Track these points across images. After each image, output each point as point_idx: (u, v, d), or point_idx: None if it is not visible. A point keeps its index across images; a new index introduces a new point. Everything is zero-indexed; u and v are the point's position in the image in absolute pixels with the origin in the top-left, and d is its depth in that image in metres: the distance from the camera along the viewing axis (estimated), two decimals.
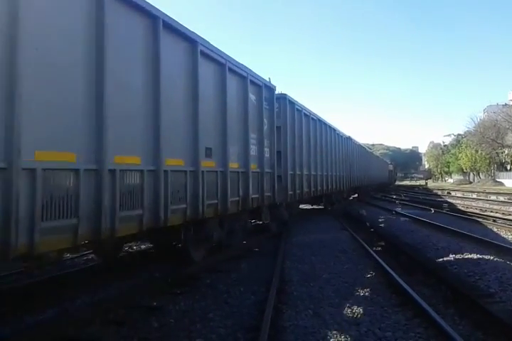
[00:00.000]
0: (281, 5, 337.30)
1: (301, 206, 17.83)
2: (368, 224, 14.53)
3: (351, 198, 28.65)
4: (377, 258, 8.39)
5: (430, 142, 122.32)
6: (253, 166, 9.17)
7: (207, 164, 7.15)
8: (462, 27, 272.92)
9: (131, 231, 5.42)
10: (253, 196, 9.07)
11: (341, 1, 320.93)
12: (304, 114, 14.10)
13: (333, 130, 18.96)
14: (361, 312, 5.45)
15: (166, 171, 5.94)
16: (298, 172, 13.04)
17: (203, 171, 6.94)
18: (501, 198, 28.04)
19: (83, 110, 4.64)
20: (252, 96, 9.27)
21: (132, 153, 5.40)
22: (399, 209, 19.96)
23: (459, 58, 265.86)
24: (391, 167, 68.02)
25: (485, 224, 14.48)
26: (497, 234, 12.41)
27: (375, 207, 22.88)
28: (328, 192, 17.88)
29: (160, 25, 5.90)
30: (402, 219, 16.41)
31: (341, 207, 20.95)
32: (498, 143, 64.03)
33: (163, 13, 5.99)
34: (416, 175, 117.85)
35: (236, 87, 8.57)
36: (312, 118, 15.20)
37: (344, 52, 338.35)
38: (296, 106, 13.15)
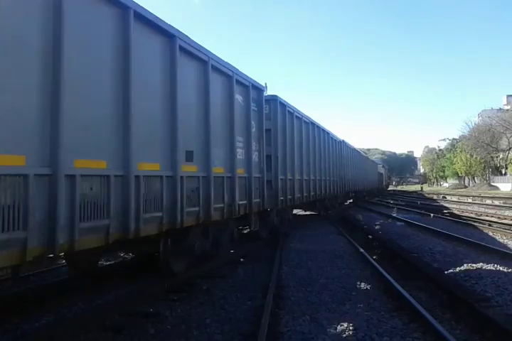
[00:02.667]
0: (279, 12, 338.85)
1: (296, 211, 17.79)
2: (364, 228, 14.55)
3: (347, 203, 28.61)
4: (374, 262, 8.39)
5: (425, 146, 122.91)
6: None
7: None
8: (457, 33, 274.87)
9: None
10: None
11: (339, 8, 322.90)
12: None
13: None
14: (358, 317, 5.45)
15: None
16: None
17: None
18: (496, 202, 28.15)
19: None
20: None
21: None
22: (394, 214, 20.00)
23: (453, 63, 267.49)
24: (382, 169, 58.10)
25: (481, 228, 14.52)
26: (493, 238, 12.45)
27: (372, 212, 22.91)
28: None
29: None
30: (398, 223, 16.45)
31: (336, 213, 20.83)
32: (493, 148, 64.39)
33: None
34: (411, 179, 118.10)
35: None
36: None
37: (340, 58, 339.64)
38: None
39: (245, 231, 10.94)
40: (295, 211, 17.09)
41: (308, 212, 19.93)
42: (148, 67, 5.81)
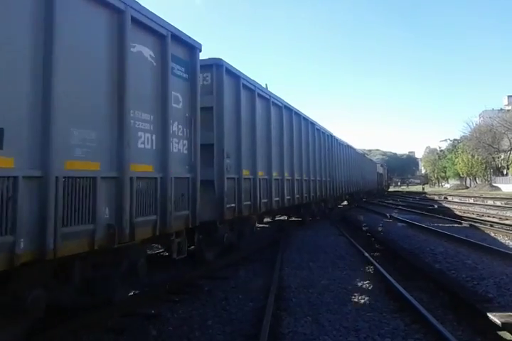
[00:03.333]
0: (279, 12, 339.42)
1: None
2: (364, 228, 14.56)
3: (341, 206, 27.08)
4: (375, 263, 8.39)
5: (426, 147, 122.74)
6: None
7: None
8: (458, 34, 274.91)
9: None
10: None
11: (339, 9, 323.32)
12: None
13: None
14: (360, 318, 5.45)
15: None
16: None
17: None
18: (498, 203, 28.11)
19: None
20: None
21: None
22: (395, 215, 19.99)
23: (454, 64, 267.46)
24: (381, 169, 53.26)
25: (482, 229, 14.51)
26: (494, 238, 12.44)
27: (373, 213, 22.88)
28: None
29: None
30: (399, 224, 16.45)
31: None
32: (494, 148, 64.31)
33: None
34: (413, 180, 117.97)
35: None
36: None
37: (340, 58, 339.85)
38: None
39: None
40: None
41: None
42: None
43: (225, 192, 8.11)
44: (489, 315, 4.96)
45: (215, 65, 8.19)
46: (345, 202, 28.92)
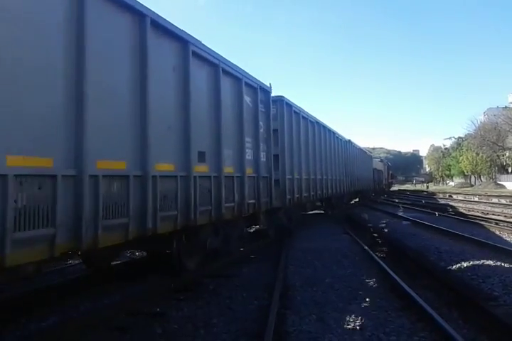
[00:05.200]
0: (281, 13, 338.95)
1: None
2: (370, 227, 14.52)
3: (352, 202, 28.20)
4: (380, 261, 8.37)
5: (431, 145, 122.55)
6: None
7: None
8: (462, 31, 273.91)
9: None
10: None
11: (339, 10, 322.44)
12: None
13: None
14: (365, 316, 5.43)
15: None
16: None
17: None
18: (503, 201, 27.98)
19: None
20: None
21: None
22: (401, 213, 19.94)
23: (459, 62, 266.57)
24: (380, 165, 46.15)
25: (487, 227, 14.45)
26: (500, 236, 12.38)
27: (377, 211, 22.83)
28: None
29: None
30: (404, 222, 16.40)
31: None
32: (499, 146, 64.03)
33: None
34: (417, 178, 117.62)
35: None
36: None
37: (345, 57, 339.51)
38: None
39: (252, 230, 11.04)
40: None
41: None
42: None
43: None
44: None
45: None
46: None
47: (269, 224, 11.03)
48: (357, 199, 30.64)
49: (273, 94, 10.94)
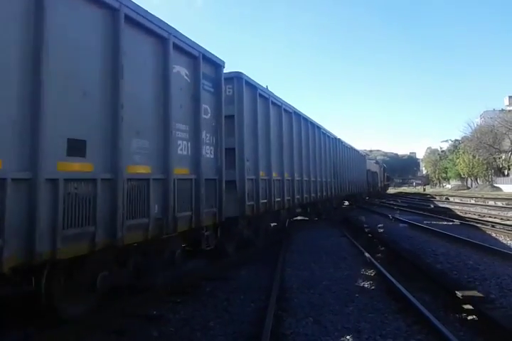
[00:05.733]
0: (279, 16, 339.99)
1: None
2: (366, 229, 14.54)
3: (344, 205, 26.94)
4: (377, 264, 8.38)
5: (428, 148, 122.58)
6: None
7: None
8: (458, 34, 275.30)
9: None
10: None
11: (339, 11, 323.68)
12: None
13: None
14: (362, 319, 5.44)
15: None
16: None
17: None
18: (499, 203, 28.06)
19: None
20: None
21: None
22: (397, 216, 19.97)
23: (455, 65, 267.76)
24: (375, 166, 43.33)
25: (483, 229, 14.49)
26: (496, 239, 12.41)
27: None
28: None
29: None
30: (401, 225, 16.43)
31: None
32: (495, 149, 64.22)
33: None
34: (414, 180, 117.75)
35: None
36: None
37: (343, 60, 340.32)
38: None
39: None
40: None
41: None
42: None
43: (245, 191, 8.99)
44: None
45: (236, 78, 9.08)
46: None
47: (227, 240, 8.68)
48: (348, 203, 28.51)
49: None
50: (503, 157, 64.90)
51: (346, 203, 28.15)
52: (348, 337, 4.85)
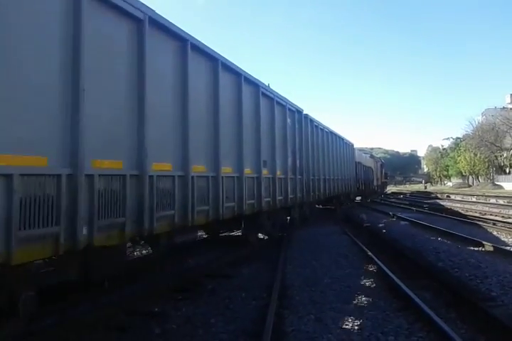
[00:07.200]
0: (279, 14, 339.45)
1: None
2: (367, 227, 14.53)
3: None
4: (378, 262, 8.38)
5: (429, 145, 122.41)
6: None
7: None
8: (460, 32, 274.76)
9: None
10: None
11: (341, 10, 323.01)
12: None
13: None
14: (363, 316, 5.44)
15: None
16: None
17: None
18: (501, 201, 28.04)
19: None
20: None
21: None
22: (398, 213, 19.95)
23: (457, 63, 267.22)
24: (370, 161, 35.86)
25: (485, 227, 14.48)
26: (497, 237, 12.41)
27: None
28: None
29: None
30: (402, 222, 16.41)
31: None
32: (497, 147, 64.15)
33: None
34: (415, 178, 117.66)
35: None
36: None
37: (344, 58, 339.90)
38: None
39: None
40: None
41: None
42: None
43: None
44: None
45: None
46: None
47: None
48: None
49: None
50: (505, 155, 64.84)
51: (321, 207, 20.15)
52: (349, 334, 4.86)
